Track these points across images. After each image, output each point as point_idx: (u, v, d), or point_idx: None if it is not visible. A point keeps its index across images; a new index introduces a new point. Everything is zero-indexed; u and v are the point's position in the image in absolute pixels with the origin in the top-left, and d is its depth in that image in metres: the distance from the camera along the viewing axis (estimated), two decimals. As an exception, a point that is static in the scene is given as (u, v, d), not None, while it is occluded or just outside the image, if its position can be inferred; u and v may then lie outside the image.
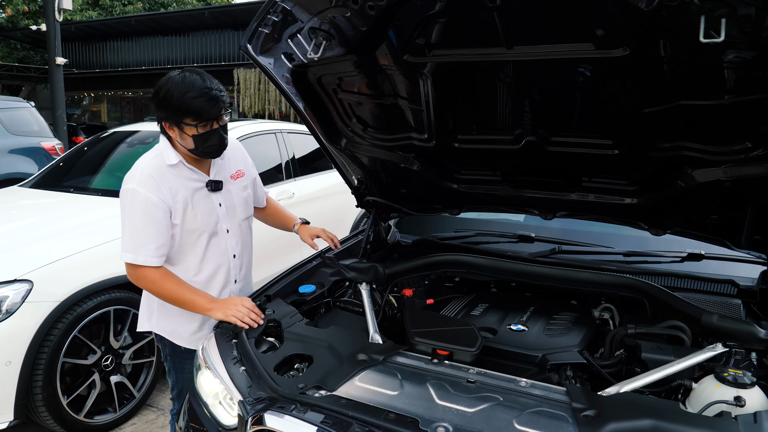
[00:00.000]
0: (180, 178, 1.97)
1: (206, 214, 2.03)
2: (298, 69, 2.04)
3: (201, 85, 1.84)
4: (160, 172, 1.94)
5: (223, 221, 2.09)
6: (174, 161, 1.96)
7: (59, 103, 10.93)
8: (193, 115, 1.84)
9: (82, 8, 19.24)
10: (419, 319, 1.90)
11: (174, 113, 1.86)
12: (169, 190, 1.93)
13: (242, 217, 2.20)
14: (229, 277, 2.15)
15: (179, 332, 2.13)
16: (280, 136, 4.83)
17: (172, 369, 2.23)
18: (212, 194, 2.06)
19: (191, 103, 1.82)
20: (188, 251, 2.04)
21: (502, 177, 2.25)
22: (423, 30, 1.70)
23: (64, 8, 10.85)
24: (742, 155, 1.69)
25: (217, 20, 15.78)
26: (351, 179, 2.62)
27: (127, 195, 1.92)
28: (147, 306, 2.17)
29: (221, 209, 2.09)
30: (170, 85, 1.85)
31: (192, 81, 1.84)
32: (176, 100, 1.82)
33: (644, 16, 1.37)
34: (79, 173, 4.46)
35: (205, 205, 2.03)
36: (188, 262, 2.05)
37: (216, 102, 1.86)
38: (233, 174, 2.16)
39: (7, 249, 2.97)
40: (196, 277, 2.06)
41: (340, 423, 1.41)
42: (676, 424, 1.31)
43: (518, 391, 1.51)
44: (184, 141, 1.92)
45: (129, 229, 1.93)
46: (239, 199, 2.17)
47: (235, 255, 2.16)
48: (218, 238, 2.09)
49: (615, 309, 2.13)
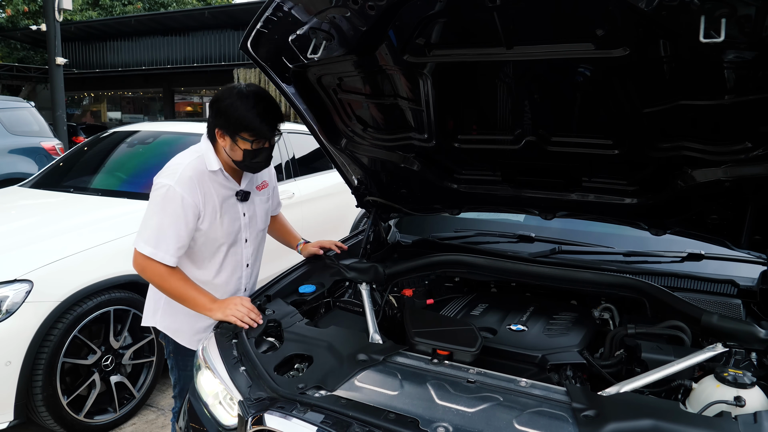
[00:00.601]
0: (215, 184, 2.00)
1: (231, 223, 2.06)
2: (298, 69, 2.04)
3: (267, 98, 1.92)
4: (200, 175, 1.96)
5: (244, 231, 2.13)
6: (215, 168, 1.98)
7: (59, 103, 10.93)
8: (252, 132, 1.89)
9: (82, 8, 19.24)
10: (419, 319, 1.90)
11: (234, 125, 1.89)
12: (203, 196, 1.96)
13: (261, 228, 2.25)
14: (240, 285, 2.20)
15: (183, 331, 2.14)
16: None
17: (174, 366, 2.24)
18: (239, 204, 2.09)
19: (254, 120, 1.87)
20: (207, 257, 2.07)
21: (502, 177, 2.25)
22: (423, 30, 1.70)
23: (64, 8, 10.84)
24: (742, 155, 1.69)
25: (217, 20, 15.78)
26: (351, 179, 2.62)
27: (162, 190, 1.92)
28: (153, 301, 2.17)
29: (244, 219, 2.13)
30: (234, 96, 1.88)
31: (257, 97, 1.89)
32: (240, 112, 1.86)
33: (644, 16, 1.37)
34: (79, 173, 4.45)
35: (231, 214, 2.06)
36: (206, 268, 2.08)
37: (276, 123, 1.93)
38: (259, 185, 2.20)
39: (7, 249, 2.97)
40: (210, 283, 2.08)
41: (340, 423, 1.41)
42: (676, 424, 1.31)
43: (518, 391, 1.51)
44: (232, 152, 1.95)
45: (155, 224, 1.92)
46: (261, 210, 2.22)
47: (248, 264, 2.20)
48: (237, 248, 2.13)
49: (615, 309, 2.13)
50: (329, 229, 4.75)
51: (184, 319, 2.11)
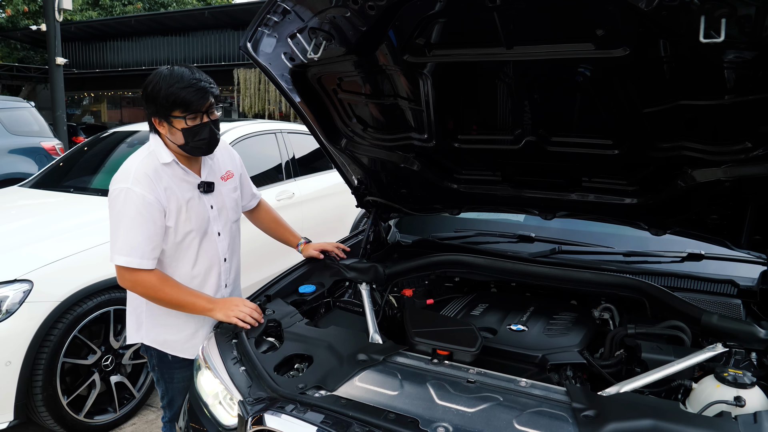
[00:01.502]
0: (174, 178, 1.93)
1: (198, 216, 1.99)
2: (298, 69, 2.04)
3: (189, 76, 1.82)
4: (155, 171, 1.89)
5: (214, 224, 2.05)
6: (168, 159, 1.91)
7: (59, 103, 10.93)
8: (181, 107, 1.82)
9: (82, 8, 19.24)
10: (419, 319, 1.90)
11: (162, 106, 1.83)
12: (164, 191, 1.89)
13: (232, 220, 2.16)
14: (220, 281, 2.11)
15: (170, 341, 2.07)
16: (280, 136, 4.84)
17: (160, 379, 2.16)
18: (204, 196, 2.01)
19: (179, 93, 1.80)
20: (180, 256, 1.99)
21: (502, 177, 2.25)
22: (423, 30, 1.70)
23: (64, 8, 10.84)
24: (742, 155, 1.69)
25: (217, 20, 15.79)
26: (351, 179, 2.62)
27: (120, 195, 1.85)
28: (135, 317, 2.08)
29: (213, 211, 2.05)
30: (158, 78, 1.83)
31: (180, 73, 1.83)
32: (164, 91, 1.80)
33: (644, 16, 1.37)
34: (79, 173, 4.46)
35: (197, 207, 1.99)
36: (180, 267, 2.00)
37: (204, 93, 1.83)
38: (223, 175, 2.12)
39: (7, 249, 2.97)
40: (188, 282, 2.01)
41: (340, 423, 1.41)
42: (676, 424, 1.31)
43: (518, 391, 1.51)
44: (173, 136, 1.88)
45: (122, 231, 1.85)
46: (230, 200, 2.14)
47: (225, 259, 2.12)
48: (209, 242, 2.05)
49: (615, 309, 2.13)
50: (329, 229, 4.75)
51: (167, 330, 2.05)
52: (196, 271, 2.03)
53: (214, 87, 1.89)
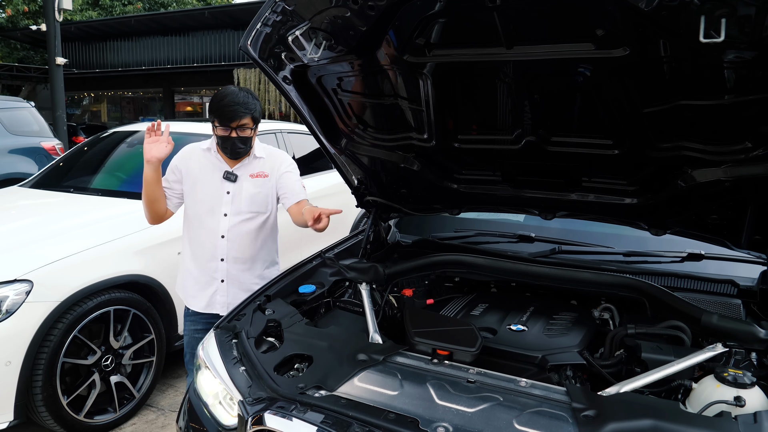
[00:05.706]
0: (204, 160, 2.44)
1: (212, 194, 2.41)
2: (298, 69, 2.04)
3: (231, 98, 2.25)
4: (192, 151, 2.47)
5: (225, 205, 2.41)
6: (206, 146, 2.45)
7: (59, 103, 10.92)
8: (217, 119, 2.28)
9: (82, 8, 19.23)
10: (419, 319, 1.90)
11: (209, 112, 2.33)
12: (187, 163, 2.45)
13: (245, 210, 2.41)
14: (215, 253, 2.42)
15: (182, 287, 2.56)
16: (280, 136, 4.83)
17: (185, 330, 2.57)
18: (225, 182, 2.41)
19: (217, 107, 2.27)
20: (191, 215, 2.46)
21: (502, 177, 2.25)
22: (423, 30, 1.70)
23: (64, 8, 10.83)
24: (742, 155, 1.69)
25: (217, 20, 15.78)
26: (351, 179, 2.62)
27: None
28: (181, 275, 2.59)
29: (227, 197, 2.41)
30: (219, 91, 2.31)
31: (229, 92, 2.27)
32: (213, 102, 2.30)
33: (644, 16, 1.37)
34: (79, 173, 4.45)
35: (213, 187, 2.41)
36: (190, 222, 2.47)
37: (234, 114, 2.24)
38: (254, 173, 2.44)
39: (7, 249, 2.97)
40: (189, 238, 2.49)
41: (340, 423, 1.41)
42: (676, 424, 1.32)
43: (518, 391, 1.51)
44: (215, 136, 2.37)
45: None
46: (248, 194, 2.42)
47: (223, 236, 2.41)
48: (214, 216, 2.41)
49: (615, 309, 2.13)
50: (329, 229, 4.72)
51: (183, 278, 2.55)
52: (194, 233, 2.47)
53: (250, 112, 2.28)
